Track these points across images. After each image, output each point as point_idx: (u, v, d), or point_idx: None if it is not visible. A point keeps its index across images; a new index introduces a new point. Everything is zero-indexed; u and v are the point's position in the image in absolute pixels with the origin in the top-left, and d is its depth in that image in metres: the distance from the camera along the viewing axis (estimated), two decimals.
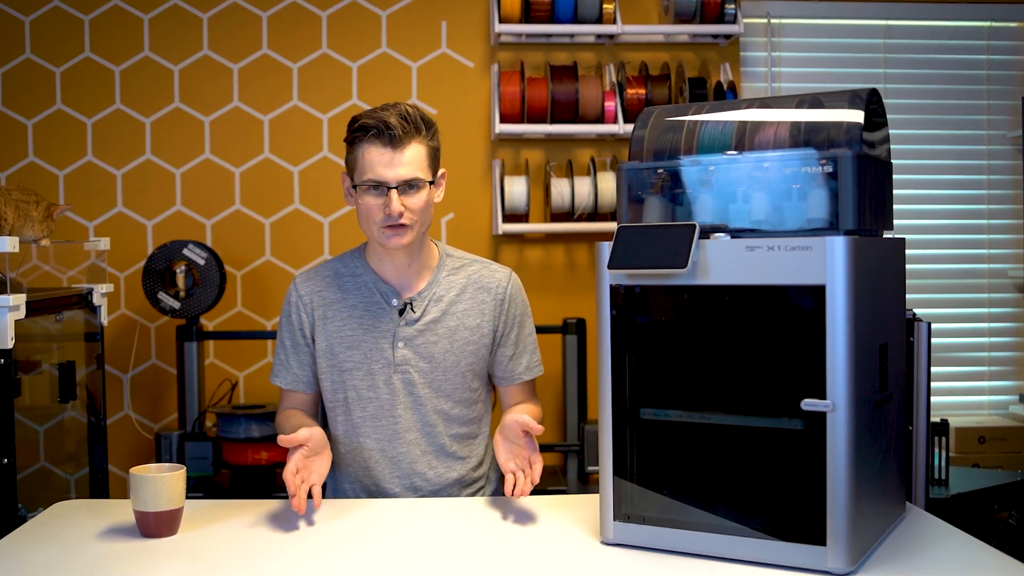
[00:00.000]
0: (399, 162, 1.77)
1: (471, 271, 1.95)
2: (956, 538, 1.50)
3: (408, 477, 1.90)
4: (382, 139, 1.77)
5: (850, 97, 1.44)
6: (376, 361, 1.88)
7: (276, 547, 1.51)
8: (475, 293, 1.93)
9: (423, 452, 1.90)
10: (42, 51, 3.26)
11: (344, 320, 1.90)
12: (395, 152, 1.77)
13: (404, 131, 1.77)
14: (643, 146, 1.55)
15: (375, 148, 1.77)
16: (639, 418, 1.46)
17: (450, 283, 1.93)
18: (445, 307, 1.91)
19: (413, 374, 1.88)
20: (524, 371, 1.98)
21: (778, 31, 3.48)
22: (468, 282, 1.94)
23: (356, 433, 1.91)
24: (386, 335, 1.88)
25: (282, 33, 3.30)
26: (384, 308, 1.89)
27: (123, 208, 3.28)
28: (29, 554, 1.47)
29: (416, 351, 1.88)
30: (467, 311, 1.92)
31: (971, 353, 3.59)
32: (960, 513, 2.58)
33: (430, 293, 1.90)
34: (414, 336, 1.88)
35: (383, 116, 1.77)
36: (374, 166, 1.77)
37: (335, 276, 1.93)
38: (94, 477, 2.82)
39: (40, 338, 2.66)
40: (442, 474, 1.92)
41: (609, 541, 1.49)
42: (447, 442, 1.92)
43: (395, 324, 1.88)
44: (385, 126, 1.76)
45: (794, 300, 1.32)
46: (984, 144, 3.56)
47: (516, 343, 1.96)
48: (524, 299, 1.99)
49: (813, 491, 1.32)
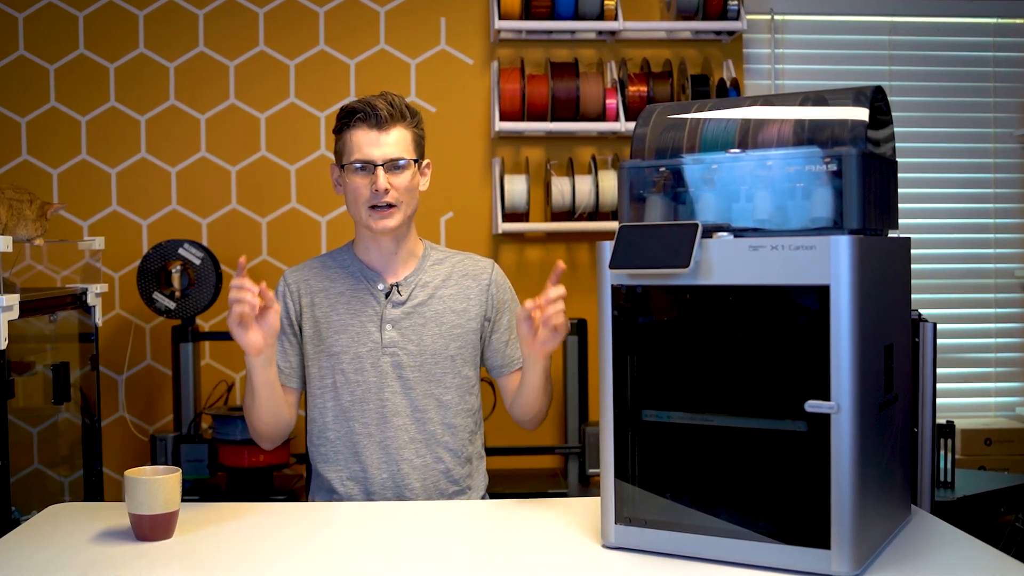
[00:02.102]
0: (385, 142, 1.88)
1: (455, 261, 2.03)
2: (962, 541, 1.49)
3: (395, 463, 1.91)
4: (368, 121, 1.88)
5: (854, 94, 1.43)
6: (363, 344, 1.92)
7: (273, 551, 1.51)
8: (460, 280, 2.00)
9: (411, 439, 1.92)
10: (35, 48, 3.26)
11: (331, 305, 1.95)
12: (381, 132, 1.88)
13: (390, 114, 1.88)
14: (645, 144, 1.55)
15: (361, 131, 1.88)
16: (641, 420, 1.45)
17: (435, 271, 2.00)
18: (431, 292, 1.97)
19: (402, 356, 1.92)
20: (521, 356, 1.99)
21: (782, 28, 3.48)
22: (453, 270, 2.01)
23: (345, 418, 1.93)
24: (373, 318, 1.93)
25: (278, 30, 3.30)
26: (370, 292, 1.95)
27: (118, 207, 3.28)
28: (22, 558, 1.47)
29: (403, 333, 1.93)
30: (453, 296, 1.98)
31: (977, 354, 3.59)
32: (966, 516, 2.57)
33: (416, 279, 1.97)
34: (401, 318, 1.93)
35: (369, 100, 1.89)
36: (360, 147, 1.88)
37: (323, 267, 2.01)
38: (88, 480, 2.81)
39: (34, 339, 2.66)
40: (429, 463, 1.93)
41: (610, 545, 1.48)
42: (438, 430, 1.94)
43: (381, 306, 1.94)
44: (371, 108, 1.87)
45: (798, 300, 1.32)
46: (990, 142, 3.56)
47: (509, 329, 2.01)
48: (510, 287, 2.06)
49: (817, 494, 1.32)
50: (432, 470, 1.93)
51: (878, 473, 1.40)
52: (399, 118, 1.89)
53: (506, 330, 2.01)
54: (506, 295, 2.03)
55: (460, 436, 1.97)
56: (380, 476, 1.91)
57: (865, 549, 1.35)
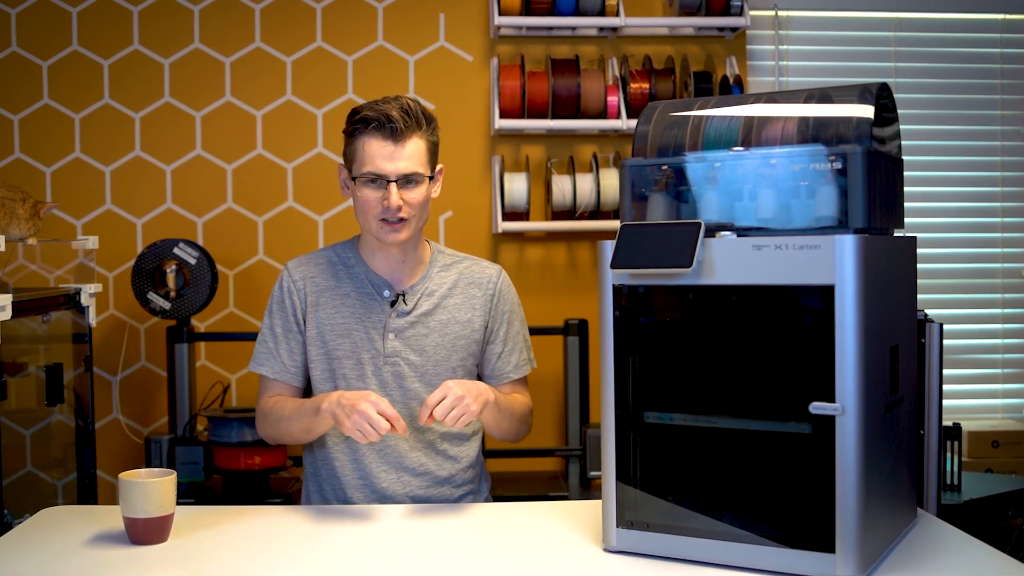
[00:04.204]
0: (399, 156, 1.81)
1: (462, 267, 1.99)
2: (968, 545, 1.49)
3: (396, 471, 1.90)
4: (383, 132, 1.80)
5: (860, 92, 1.43)
6: (366, 351, 1.90)
7: (270, 555, 1.50)
8: (466, 288, 1.96)
9: (412, 447, 1.90)
10: (29, 44, 3.25)
11: (336, 307, 1.92)
12: (396, 146, 1.80)
13: (406, 124, 1.80)
14: (647, 142, 1.55)
15: (376, 141, 1.81)
16: (643, 422, 1.45)
17: (442, 279, 1.96)
18: (437, 301, 1.93)
19: (403, 366, 1.90)
20: (513, 370, 1.99)
21: (786, 24, 3.47)
22: (459, 277, 1.97)
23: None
24: (376, 325, 1.90)
25: (275, 26, 3.29)
26: (376, 299, 1.91)
27: (112, 206, 3.27)
28: (15, 562, 1.46)
29: (406, 343, 1.90)
30: (458, 305, 1.94)
31: (984, 355, 3.58)
32: (973, 519, 2.57)
33: (422, 287, 1.93)
34: (405, 328, 1.90)
35: (385, 109, 1.80)
36: (374, 159, 1.81)
37: (328, 263, 1.96)
38: (82, 483, 2.81)
39: (26, 339, 2.67)
40: (432, 471, 1.91)
41: (612, 548, 1.48)
42: (438, 440, 1.92)
43: (386, 315, 1.90)
44: (387, 119, 1.79)
45: (802, 300, 1.32)
46: (998, 140, 3.55)
47: (505, 340, 1.98)
48: (515, 296, 2.02)
49: (822, 497, 1.31)
50: (434, 478, 1.91)
51: (883, 476, 1.39)
52: (415, 127, 1.82)
53: (501, 342, 1.97)
54: (507, 306, 1.99)
55: (462, 443, 1.95)
56: (380, 484, 1.89)
57: (870, 553, 1.34)
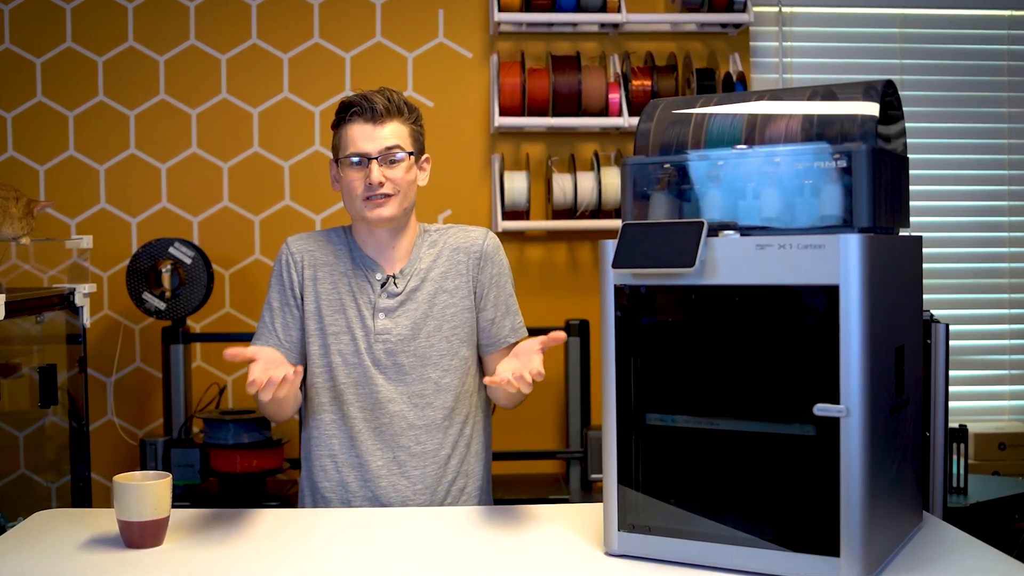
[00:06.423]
0: (379, 135, 1.89)
1: (448, 236, 2.02)
2: (975, 548, 1.49)
3: (391, 450, 1.92)
4: (364, 115, 1.90)
5: (865, 89, 1.43)
6: (358, 328, 1.94)
7: (266, 558, 1.50)
8: (451, 255, 1.99)
9: (409, 425, 1.92)
10: (22, 41, 3.24)
11: (333, 283, 1.97)
12: (376, 127, 1.90)
13: (386, 109, 1.90)
14: (649, 140, 1.55)
15: (357, 124, 1.90)
16: (645, 424, 1.46)
17: (429, 254, 2.00)
18: (423, 275, 1.97)
19: (395, 343, 1.93)
20: (509, 333, 2.00)
21: (790, 20, 3.48)
22: (444, 246, 2.01)
23: (341, 400, 1.94)
24: (367, 304, 1.95)
25: (272, 22, 3.28)
26: (367, 280, 1.96)
27: (106, 205, 3.27)
28: (8, 566, 1.47)
29: (395, 320, 1.94)
30: (444, 274, 1.98)
31: (991, 356, 3.58)
32: (979, 523, 2.55)
33: (411, 269, 1.98)
34: (394, 307, 1.94)
35: (366, 94, 1.91)
36: (356, 140, 1.90)
37: (328, 241, 2.02)
38: (76, 485, 2.80)
39: (20, 340, 2.67)
40: (428, 449, 1.93)
41: (613, 552, 1.48)
42: (436, 415, 1.93)
43: (375, 295, 1.95)
44: (368, 102, 1.89)
45: (806, 301, 1.32)
46: (1004, 138, 3.55)
47: (496, 305, 2.00)
48: (503, 259, 2.04)
49: (826, 500, 1.32)
50: (429, 456, 1.92)
51: (889, 479, 1.39)
52: (396, 113, 1.91)
53: (492, 307, 1.99)
54: (495, 268, 2.00)
55: (460, 420, 1.97)
56: (376, 463, 1.91)
57: (875, 557, 1.34)
